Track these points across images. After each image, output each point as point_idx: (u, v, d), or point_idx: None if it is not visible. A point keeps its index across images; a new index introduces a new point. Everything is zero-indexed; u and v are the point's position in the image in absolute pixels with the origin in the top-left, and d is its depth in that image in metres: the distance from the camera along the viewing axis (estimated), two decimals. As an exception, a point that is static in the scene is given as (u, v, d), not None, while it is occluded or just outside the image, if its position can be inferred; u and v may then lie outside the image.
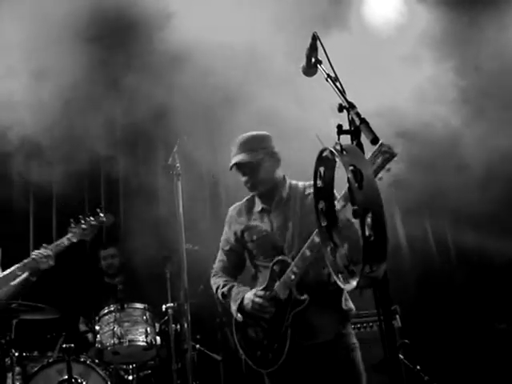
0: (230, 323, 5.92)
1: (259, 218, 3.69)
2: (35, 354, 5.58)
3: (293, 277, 3.32)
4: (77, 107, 6.28)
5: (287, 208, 3.58)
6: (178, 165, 5.26)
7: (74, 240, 4.95)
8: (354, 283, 2.08)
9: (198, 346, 5.76)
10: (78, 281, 6.45)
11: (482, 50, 6.02)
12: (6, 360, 5.33)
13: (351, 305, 3.53)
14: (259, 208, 3.70)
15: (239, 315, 3.58)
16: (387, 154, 2.61)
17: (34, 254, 4.58)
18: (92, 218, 5.11)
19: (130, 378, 5.52)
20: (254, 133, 3.68)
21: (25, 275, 4.39)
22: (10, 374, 5.30)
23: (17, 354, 5.34)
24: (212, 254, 5.94)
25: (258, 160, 3.54)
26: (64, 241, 4.84)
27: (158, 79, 6.21)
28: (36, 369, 5.20)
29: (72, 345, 4.64)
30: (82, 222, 5.03)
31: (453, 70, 5.86)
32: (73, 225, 5.05)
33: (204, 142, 6.17)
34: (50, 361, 5.29)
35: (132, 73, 6.41)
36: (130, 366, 5.58)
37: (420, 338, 5.51)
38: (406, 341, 4.91)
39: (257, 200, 3.74)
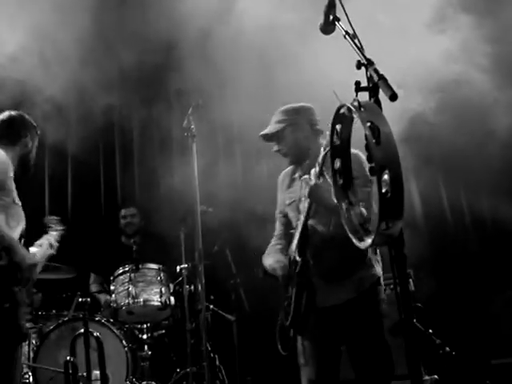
0: (243, 284, 6.06)
1: (294, 185, 3.75)
2: (51, 312, 5.67)
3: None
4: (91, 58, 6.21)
5: None
6: (193, 127, 5.26)
7: None
8: (369, 241, 2.08)
9: (211, 306, 5.80)
10: (93, 240, 6.49)
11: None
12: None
13: (374, 270, 3.50)
14: (295, 175, 3.76)
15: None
16: None
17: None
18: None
19: (145, 337, 5.60)
20: (289, 105, 3.74)
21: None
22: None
23: (33, 313, 5.45)
24: (226, 215, 6.01)
25: (281, 130, 3.62)
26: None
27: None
28: (51, 327, 5.28)
29: (88, 299, 4.65)
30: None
31: (484, 37, 5.72)
32: None
33: (218, 98, 6.09)
34: (65, 319, 5.37)
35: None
36: (145, 326, 5.65)
37: (432, 302, 5.51)
38: (419, 304, 4.94)
39: (294, 168, 3.80)
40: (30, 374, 5.09)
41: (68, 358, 4.32)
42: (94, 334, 4.37)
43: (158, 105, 6.85)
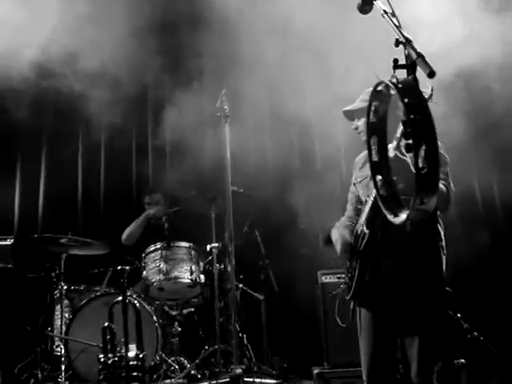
0: (273, 265, 6.12)
1: (367, 165, 3.67)
2: (83, 287, 5.79)
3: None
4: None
5: None
6: (226, 107, 5.31)
7: None
8: (403, 216, 2.11)
9: (240, 285, 5.87)
10: (125, 219, 6.56)
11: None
12: (55, 293, 5.56)
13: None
14: None
15: None
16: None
17: None
18: None
19: (175, 313, 5.69)
20: None
21: None
22: (58, 307, 5.52)
23: (65, 288, 5.57)
24: (257, 196, 6.05)
25: (359, 109, 3.54)
26: None
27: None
28: (84, 301, 5.39)
29: (127, 267, 4.73)
30: None
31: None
32: None
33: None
34: (98, 294, 5.48)
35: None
36: (175, 303, 5.75)
37: (462, 287, 5.50)
38: (448, 289, 4.93)
39: None
40: (62, 346, 5.22)
41: (106, 324, 4.37)
42: (133, 302, 4.41)
43: (190, 85, 6.86)
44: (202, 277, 5.61)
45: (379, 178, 2.31)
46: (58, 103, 6.86)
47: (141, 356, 4.22)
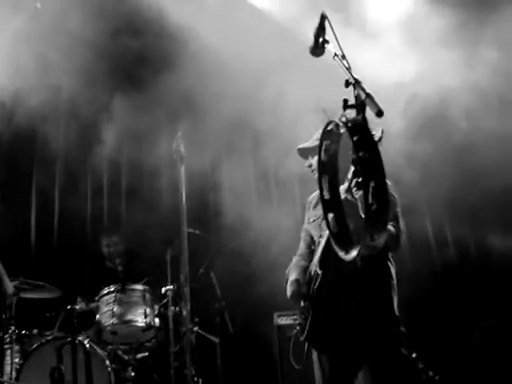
0: (228, 307, 6.07)
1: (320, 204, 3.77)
2: (35, 331, 5.63)
3: None
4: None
5: None
6: (181, 149, 5.32)
7: None
8: (354, 253, 2.13)
9: (196, 328, 5.79)
10: (78, 262, 6.46)
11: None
12: (5, 336, 5.40)
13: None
14: None
15: None
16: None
17: None
18: None
19: (128, 357, 5.56)
20: None
21: None
22: (8, 352, 5.35)
23: (16, 332, 5.41)
24: (213, 239, 6.04)
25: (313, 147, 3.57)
26: None
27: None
28: (34, 346, 5.24)
29: (77, 306, 4.64)
30: None
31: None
32: None
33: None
34: (49, 338, 5.33)
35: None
36: (128, 347, 5.63)
37: (417, 327, 5.54)
38: (403, 329, 4.96)
39: None
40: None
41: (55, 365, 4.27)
42: (83, 342, 4.32)
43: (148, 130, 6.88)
44: (157, 320, 5.53)
45: (331, 215, 2.34)
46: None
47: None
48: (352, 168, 2.32)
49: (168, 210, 5.84)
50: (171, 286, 5.63)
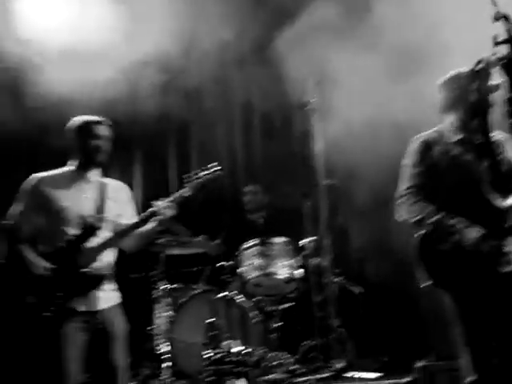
0: (371, 257, 6.01)
1: None
2: (182, 286, 5.87)
3: None
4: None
5: None
6: (313, 100, 5.29)
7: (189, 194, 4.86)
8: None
9: (338, 279, 5.81)
10: (220, 216, 6.62)
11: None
12: (156, 292, 5.66)
13: None
14: None
15: None
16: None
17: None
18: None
19: (271, 309, 5.67)
20: None
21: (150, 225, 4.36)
22: (158, 305, 5.61)
23: (167, 287, 5.66)
24: (349, 187, 5.96)
25: None
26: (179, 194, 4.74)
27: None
28: (186, 299, 5.47)
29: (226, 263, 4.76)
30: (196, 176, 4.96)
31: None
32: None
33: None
34: (199, 291, 5.55)
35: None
36: (272, 298, 5.73)
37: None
38: None
39: None
40: (166, 344, 5.31)
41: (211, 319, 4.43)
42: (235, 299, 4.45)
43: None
44: (299, 271, 5.59)
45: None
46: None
47: (245, 352, 4.25)
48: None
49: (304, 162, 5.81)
50: (310, 238, 5.67)
